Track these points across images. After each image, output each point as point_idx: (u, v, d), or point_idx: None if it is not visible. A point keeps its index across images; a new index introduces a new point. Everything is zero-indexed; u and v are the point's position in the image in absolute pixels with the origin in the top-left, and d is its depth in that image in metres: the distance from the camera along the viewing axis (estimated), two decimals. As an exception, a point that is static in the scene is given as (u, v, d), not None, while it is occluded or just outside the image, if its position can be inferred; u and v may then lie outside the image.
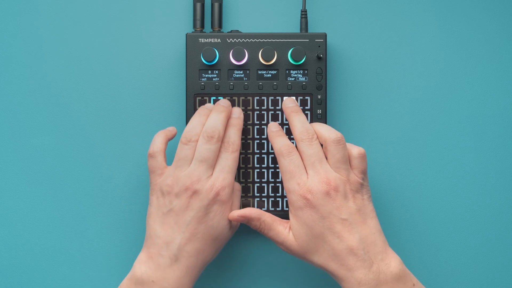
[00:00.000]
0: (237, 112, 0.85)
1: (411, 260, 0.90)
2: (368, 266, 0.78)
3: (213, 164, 0.81)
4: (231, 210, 0.82)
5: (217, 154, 0.82)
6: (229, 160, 0.82)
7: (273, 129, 0.85)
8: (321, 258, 0.80)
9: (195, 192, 0.80)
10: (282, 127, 0.87)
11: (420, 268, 0.90)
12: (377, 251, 0.79)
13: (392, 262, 0.79)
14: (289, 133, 0.87)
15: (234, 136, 0.83)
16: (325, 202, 0.79)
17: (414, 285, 0.79)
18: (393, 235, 0.90)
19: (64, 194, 0.90)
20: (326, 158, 0.81)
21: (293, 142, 0.86)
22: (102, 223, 0.90)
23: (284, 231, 0.82)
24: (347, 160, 0.81)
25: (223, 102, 0.85)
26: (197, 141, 0.82)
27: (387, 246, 0.80)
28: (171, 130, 0.87)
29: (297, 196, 0.80)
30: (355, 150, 0.82)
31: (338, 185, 0.80)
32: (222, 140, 0.82)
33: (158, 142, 0.84)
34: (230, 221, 0.82)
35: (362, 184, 0.81)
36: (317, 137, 0.82)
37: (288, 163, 0.81)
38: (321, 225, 0.79)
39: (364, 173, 0.82)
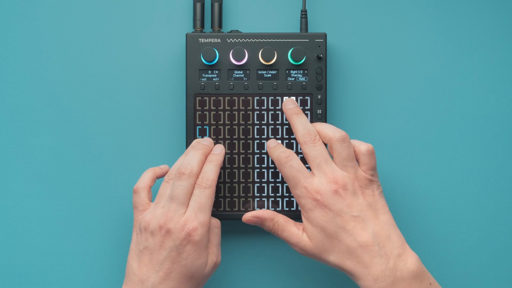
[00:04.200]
0: (218, 149, 0.84)
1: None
2: (384, 262, 0.78)
3: (185, 202, 0.80)
4: (207, 248, 0.81)
5: (190, 190, 0.80)
6: (201, 197, 0.80)
7: (271, 145, 0.85)
8: (337, 257, 0.80)
9: (167, 232, 0.79)
10: (282, 127, 0.87)
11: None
12: (393, 246, 0.79)
13: (409, 259, 0.79)
14: (290, 132, 0.87)
15: (209, 172, 0.81)
16: (334, 201, 0.79)
17: (430, 284, 0.79)
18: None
19: (63, 194, 0.90)
20: (332, 157, 0.81)
21: (293, 142, 0.86)
22: (102, 223, 0.90)
23: (298, 232, 0.81)
24: (353, 157, 0.81)
25: (205, 140, 0.85)
26: None
27: (404, 242, 0.80)
28: (161, 167, 0.87)
29: (307, 199, 0.80)
30: (363, 146, 0.82)
31: (346, 183, 0.80)
32: (197, 176, 0.81)
33: (144, 178, 0.85)
34: (206, 260, 0.80)
35: (371, 180, 0.81)
36: (321, 137, 0.82)
37: (289, 170, 0.81)
38: (334, 224, 0.79)
39: (373, 169, 0.82)
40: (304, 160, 0.86)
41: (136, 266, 0.80)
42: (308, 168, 0.85)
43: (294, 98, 0.87)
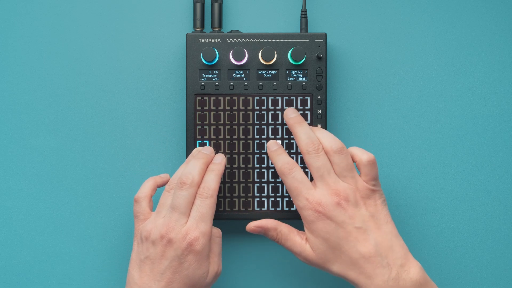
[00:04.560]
0: (219, 158, 0.84)
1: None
2: (387, 273, 0.78)
3: (186, 211, 0.80)
4: (208, 257, 0.81)
5: (192, 200, 0.80)
6: (203, 206, 0.80)
7: (272, 148, 0.85)
8: (340, 268, 0.80)
9: (169, 241, 0.79)
10: (282, 127, 0.87)
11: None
12: (396, 256, 0.79)
13: (412, 268, 0.79)
14: (290, 133, 0.87)
15: (211, 181, 0.81)
16: (337, 212, 0.79)
17: None
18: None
19: (63, 194, 0.90)
20: None
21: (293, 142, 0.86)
22: (102, 223, 0.90)
23: (301, 241, 0.82)
24: (352, 167, 0.81)
25: (205, 149, 0.85)
26: None
27: (407, 252, 0.80)
28: (162, 176, 0.87)
29: (308, 210, 0.80)
30: (364, 157, 0.82)
31: (348, 195, 0.80)
32: (199, 186, 0.81)
33: (144, 187, 0.85)
34: (207, 270, 0.80)
35: (373, 190, 0.81)
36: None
37: (292, 181, 0.81)
38: (336, 236, 0.79)
39: (375, 179, 0.82)
40: (304, 167, 0.86)
41: (137, 275, 0.80)
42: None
43: (294, 100, 0.87)
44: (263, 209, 0.88)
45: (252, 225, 0.83)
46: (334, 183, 0.80)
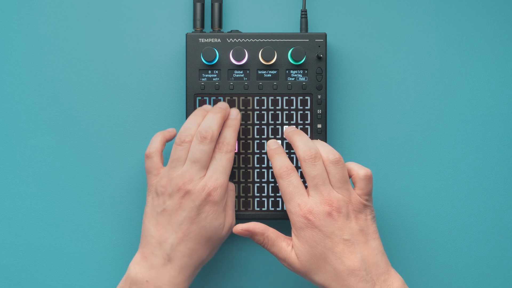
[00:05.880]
0: (235, 113, 0.85)
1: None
2: (370, 287, 0.78)
3: (206, 165, 0.81)
4: (224, 210, 0.82)
5: (211, 154, 0.82)
6: (222, 160, 0.82)
7: (272, 147, 0.85)
8: (323, 278, 0.79)
9: (187, 193, 0.80)
10: (282, 127, 0.87)
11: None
12: (380, 272, 0.79)
13: (394, 283, 0.79)
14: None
15: (229, 137, 0.83)
16: (327, 223, 0.79)
17: None
18: (388, 239, 0.90)
19: (63, 194, 0.90)
20: None
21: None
22: (102, 223, 0.90)
23: (287, 248, 0.81)
24: (347, 180, 0.81)
25: (221, 104, 0.86)
26: (191, 141, 0.82)
27: (390, 267, 0.80)
28: (170, 131, 0.87)
29: (298, 217, 0.80)
30: (361, 171, 0.82)
31: (341, 206, 0.80)
32: (217, 140, 0.82)
33: (155, 142, 0.85)
34: (223, 221, 0.82)
35: (365, 205, 0.81)
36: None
37: (287, 185, 0.81)
38: (323, 245, 0.79)
39: (369, 194, 0.82)
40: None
41: (153, 228, 0.81)
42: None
43: (294, 100, 0.87)
44: (263, 209, 0.88)
45: (239, 228, 0.83)
46: (328, 193, 0.80)
